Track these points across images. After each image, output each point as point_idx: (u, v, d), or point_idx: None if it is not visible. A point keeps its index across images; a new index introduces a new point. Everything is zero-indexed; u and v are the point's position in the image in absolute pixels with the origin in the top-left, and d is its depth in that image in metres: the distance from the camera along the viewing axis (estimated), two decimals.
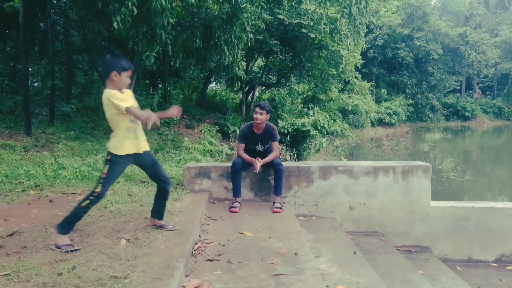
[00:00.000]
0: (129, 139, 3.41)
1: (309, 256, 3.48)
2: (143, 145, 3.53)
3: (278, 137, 5.21)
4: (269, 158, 5.00)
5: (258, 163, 4.90)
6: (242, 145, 5.10)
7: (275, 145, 5.11)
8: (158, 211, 3.78)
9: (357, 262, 3.90)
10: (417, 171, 5.30)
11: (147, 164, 3.65)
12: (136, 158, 3.54)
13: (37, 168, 6.10)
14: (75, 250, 3.17)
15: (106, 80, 3.38)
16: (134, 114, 3.30)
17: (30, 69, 13.44)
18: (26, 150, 7.88)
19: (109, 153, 3.38)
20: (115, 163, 3.38)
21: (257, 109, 4.94)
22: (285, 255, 3.47)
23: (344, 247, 4.32)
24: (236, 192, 4.99)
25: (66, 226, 3.29)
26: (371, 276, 3.60)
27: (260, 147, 5.12)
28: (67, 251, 3.14)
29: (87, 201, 3.30)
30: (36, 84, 14.10)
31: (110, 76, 3.34)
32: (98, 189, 3.30)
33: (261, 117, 4.91)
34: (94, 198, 3.30)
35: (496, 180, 14.74)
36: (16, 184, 5.23)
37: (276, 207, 4.86)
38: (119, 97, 3.31)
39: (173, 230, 3.71)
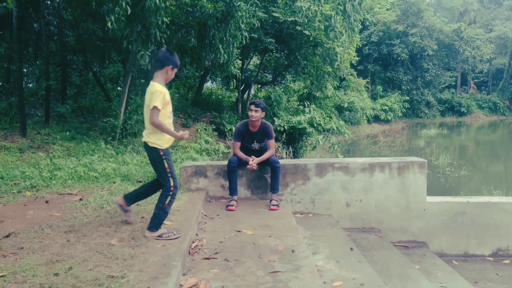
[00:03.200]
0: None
1: (306, 253, 3.49)
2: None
3: (274, 135, 5.22)
4: (265, 156, 5.00)
5: (253, 161, 4.91)
6: (238, 143, 5.10)
7: (271, 143, 5.11)
8: (134, 197, 3.81)
9: (354, 258, 3.91)
10: (413, 167, 5.31)
11: None
12: None
13: (33, 169, 6.08)
14: (177, 238, 3.41)
15: (155, 72, 3.48)
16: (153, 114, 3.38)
17: (25, 70, 13.40)
18: (21, 151, 7.85)
19: (158, 149, 3.45)
20: (168, 155, 3.52)
21: (252, 107, 4.94)
22: (282, 252, 3.47)
23: (341, 243, 4.33)
24: (232, 190, 4.99)
25: (158, 224, 3.48)
26: (368, 272, 3.61)
27: (256, 145, 5.12)
28: (170, 239, 3.38)
29: (169, 198, 3.48)
30: (30, 85, 14.06)
31: (164, 70, 3.46)
32: (172, 183, 3.48)
33: (256, 114, 4.91)
34: (173, 192, 3.50)
35: (492, 175, 14.81)
36: (11, 185, 5.21)
37: (273, 205, 4.87)
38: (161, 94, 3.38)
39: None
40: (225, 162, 5.14)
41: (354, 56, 18.21)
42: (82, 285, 2.58)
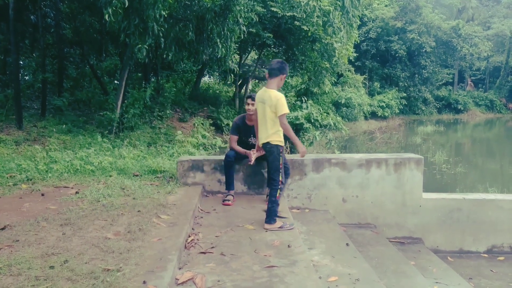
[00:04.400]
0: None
1: (302, 248, 3.50)
2: None
3: None
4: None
5: (253, 155, 4.89)
6: (235, 137, 5.09)
7: None
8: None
9: (350, 254, 3.93)
10: (409, 163, 5.32)
11: None
12: None
13: (29, 162, 6.06)
14: (292, 228, 3.92)
15: (271, 79, 4.00)
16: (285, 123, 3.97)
17: (21, 62, 13.33)
18: (17, 143, 7.83)
19: (279, 146, 4.00)
20: (283, 152, 4.01)
21: (249, 101, 4.93)
22: (278, 247, 3.48)
23: (337, 239, 4.34)
24: (229, 185, 4.99)
25: (274, 216, 3.93)
26: (363, 268, 3.63)
27: (253, 140, 5.11)
28: (289, 229, 3.88)
29: (278, 191, 3.96)
30: (27, 78, 13.99)
31: (279, 77, 4.00)
32: (281, 178, 3.97)
33: (253, 108, 4.88)
34: (280, 186, 3.98)
35: (488, 172, 14.86)
36: (7, 178, 5.19)
37: None
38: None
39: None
40: (222, 157, 5.13)
41: (352, 52, 18.16)
42: (78, 278, 2.58)
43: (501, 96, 46.36)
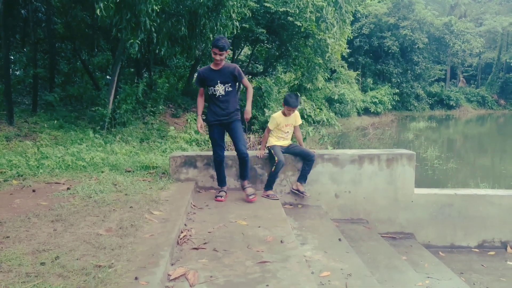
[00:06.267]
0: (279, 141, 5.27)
1: (295, 243, 3.50)
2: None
3: (243, 75, 4.79)
4: (248, 102, 4.80)
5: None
6: (201, 89, 4.86)
7: (245, 81, 4.73)
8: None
9: (342, 249, 3.94)
10: (401, 159, 5.35)
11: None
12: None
13: (20, 157, 6.00)
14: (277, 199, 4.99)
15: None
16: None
17: (12, 57, 13.17)
18: (8, 139, 7.75)
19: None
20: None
21: (216, 50, 4.39)
22: (271, 243, 3.48)
23: (329, 234, 4.36)
24: (221, 181, 4.97)
25: (270, 184, 5.10)
26: (355, 263, 3.64)
27: (219, 88, 4.64)
28: (275, 199, 4.94)
29: (274, 167, 5.01)
30: (18, 73, 13.83)
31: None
32: (277, 158, 4.99)
33: (222, 57, 4.48)
34: (278, 163, 4.98)
35: (479, 168, 14.97)
36: None
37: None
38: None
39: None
40: None
41: (345, 48, 18.21)
42: (69, 275, 2.56)
43: (492, 92, 46.68)
